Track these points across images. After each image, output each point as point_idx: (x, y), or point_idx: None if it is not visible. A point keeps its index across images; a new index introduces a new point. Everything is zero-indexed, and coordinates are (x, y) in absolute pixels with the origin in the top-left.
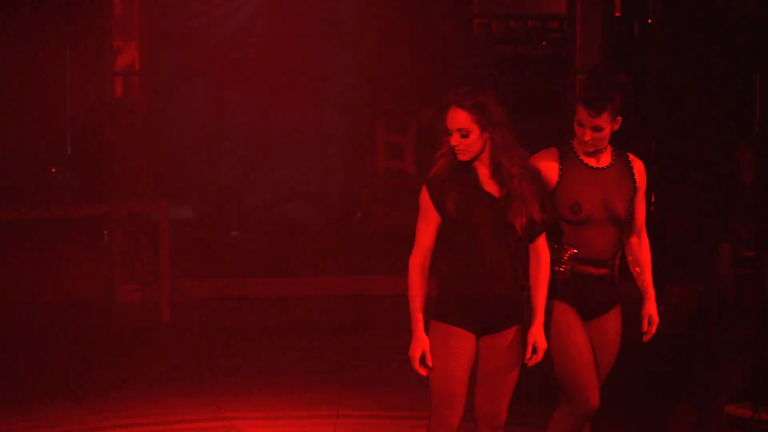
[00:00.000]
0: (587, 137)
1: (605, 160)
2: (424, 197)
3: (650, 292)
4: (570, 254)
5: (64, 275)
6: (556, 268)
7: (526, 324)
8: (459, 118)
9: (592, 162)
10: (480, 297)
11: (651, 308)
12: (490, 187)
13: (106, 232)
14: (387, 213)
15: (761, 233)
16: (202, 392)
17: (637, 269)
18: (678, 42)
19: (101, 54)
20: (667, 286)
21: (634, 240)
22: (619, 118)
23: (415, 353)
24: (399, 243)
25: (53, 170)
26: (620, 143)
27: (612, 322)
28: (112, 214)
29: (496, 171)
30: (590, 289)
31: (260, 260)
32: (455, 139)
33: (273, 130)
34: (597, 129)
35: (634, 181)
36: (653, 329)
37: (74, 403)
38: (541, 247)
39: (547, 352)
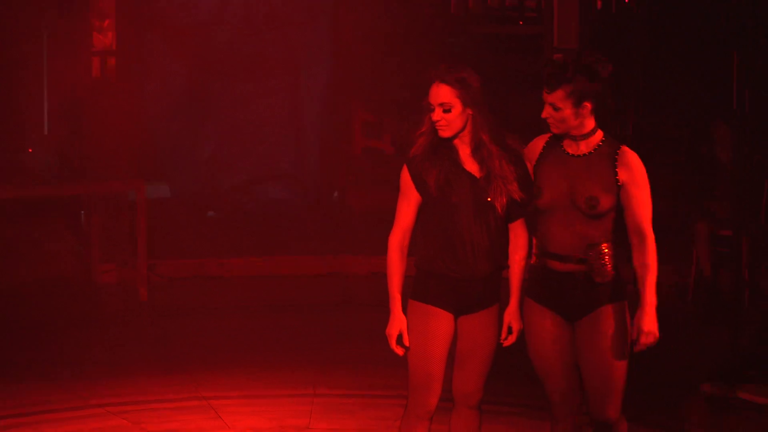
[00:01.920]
0: (544, 114)
1: (585, 147)
2: (405, 176)
3: (645, 299)
4: (539, 246)
5: (41, 255)
6: (530, 260)
7: (504, 304)
8: (442, 92)
9: (571, 149)
10: (459, 277)
11: (642, 317)
12: (471, 166)
13: (83, 211)
14: (364, 192)
15: (737, 212)
16: (179, 372)
17: (637, 271)
18: (655, 21)
19: (78, 34)
20: None
21: (634, 241)
22: (587, 104)
23: (392, 332)
24: (377, 222)
25: (30, 150)
26: (600, 122)
27: (599, 325)
28: (89, 193)
29: (477, 149)
30: (560, 287)
31: (237, 240)
32: (437, 114)
33: (249, 109)
34: (554, 107)
35: (615, 174)
36: (643, 340)
37: (51, 383)
38: (521, 227)
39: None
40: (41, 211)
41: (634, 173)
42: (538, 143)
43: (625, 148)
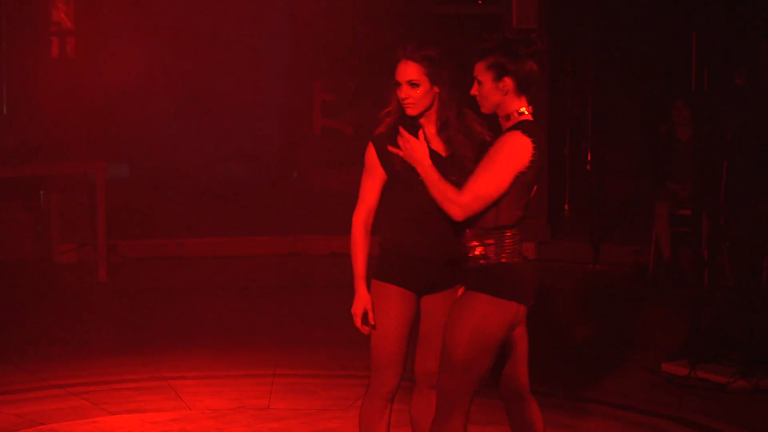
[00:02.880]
0: (472, 90)
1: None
2: (370, 154)
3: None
4: None
5: (0, 235)
6: None
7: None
8: (409, 69)
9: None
10: (424, 256)
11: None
12: (437, 145)
13: (42, 192)
14: (324, 172)
15: (697, 192)
16: (139, 352)
17: None
18: (614, 0)
19: (37, 13)
20: (604, 245)
21: None
22: (507, 80)
23: (357, 311)
24: (336, 202)
25: None
26: (558, 102)
27: (456, 302)
28: (48, 174)
29: (443, 128)
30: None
31: (197, 220)
32: (405, 92)
33: (209, 89)
34: (478, 81)
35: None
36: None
37: (11, 364)
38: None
39: None
40: (0, 191)
41: (491, 150)
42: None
43: (511, 133)
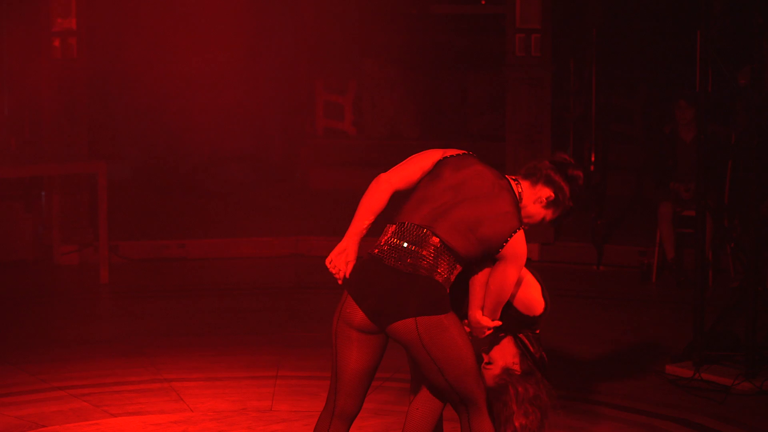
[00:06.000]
0: None
1: None
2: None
3: None
4: None
5: (1, 236)
6: None
7: None
8: None
9: None
10: None
11: None
12: None
13: (43, 193)
14: (326, 173)
15: (701, 193)
16: (140, 354)
17: None
18: (619, 0)
19: (38, 14)
20: (608, 246)
21: None
22: None
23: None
24: (338, 203)
25: None
26: (561, 102)
27: None
28: (48, 174)
29: None
30: None
31: (199, 221)
32: None
33: (211, 89)
34: None
35: None
36: None
37: (12, 365)
38: None
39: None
40: (1, 192)
41: None
42: None
43: None
